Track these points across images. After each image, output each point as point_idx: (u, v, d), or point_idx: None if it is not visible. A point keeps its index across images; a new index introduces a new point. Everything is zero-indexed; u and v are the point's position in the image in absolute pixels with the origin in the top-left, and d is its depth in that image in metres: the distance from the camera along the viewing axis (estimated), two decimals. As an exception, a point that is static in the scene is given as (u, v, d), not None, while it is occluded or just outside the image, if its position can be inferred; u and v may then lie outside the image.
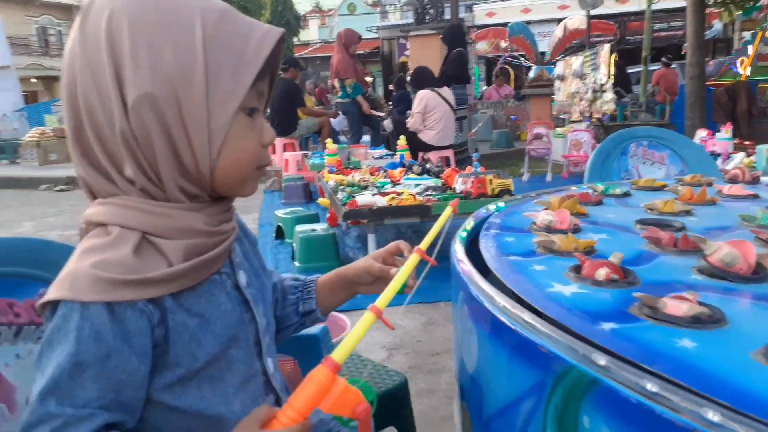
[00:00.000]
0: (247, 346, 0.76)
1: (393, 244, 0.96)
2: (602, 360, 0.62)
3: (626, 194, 1.45)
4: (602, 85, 7.47)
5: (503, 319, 0.78)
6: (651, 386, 0.56)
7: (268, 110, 0.83)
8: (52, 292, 0.63)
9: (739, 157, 4.43)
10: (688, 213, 1.21)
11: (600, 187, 1.50)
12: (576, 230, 1.10)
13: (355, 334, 0.66)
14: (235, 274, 0.77)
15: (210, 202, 0.73)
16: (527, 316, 0.76)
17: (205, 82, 0.65)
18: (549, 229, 1.11)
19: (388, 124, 6.43)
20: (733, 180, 1.54)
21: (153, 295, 0.64)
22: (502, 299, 0.81)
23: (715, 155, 4.72)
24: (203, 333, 0.70)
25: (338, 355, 0.64)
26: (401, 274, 0.79)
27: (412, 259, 0.81)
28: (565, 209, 1.15)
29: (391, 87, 9.17)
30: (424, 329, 2.79)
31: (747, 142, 5.50)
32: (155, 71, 0.64)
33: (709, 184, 1.61)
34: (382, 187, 3.91)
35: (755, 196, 1.36)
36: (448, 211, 0.92)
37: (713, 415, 0.51)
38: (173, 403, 0.68)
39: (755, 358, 0.60)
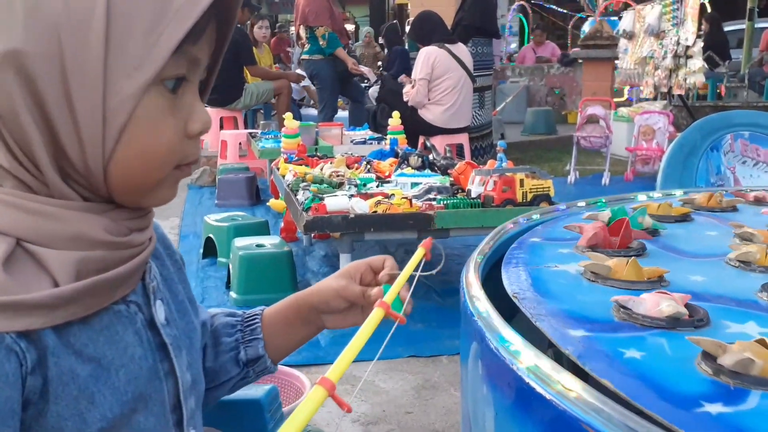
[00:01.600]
0: (162, 411, 0.75)
1: (377, 258, 0.97)
2: (676, 448, 0.63)
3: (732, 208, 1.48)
4: (688, 47, 7.56)
5: (534, 384, 0.79)
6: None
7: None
8: None
9: None
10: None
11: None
12: (639, 254, 1.12)
13: (300, 415, 0.67)
14: (150, 306, 0.76)
15: (113, 204, 0.72)
16: (569, 381, 0.76)
17: (104, 38, 0.63)
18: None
19: (374, 92, 6.46)
20: None
21: (27, 326, 0.62)
22: (533, 355, 0.82)
23: None
24: (98, 387, 0.68)
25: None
26: (359, 336, 0.80)
27: (375, 316, 0.83)
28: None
29: (381, 40, 9.23)
30: (417, 395, 2.80)
31: None
32: (31, 17, 0.62)
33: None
34: (364, 185, 3.90)
35: None
36: (419, 253, 0.95)
37: None
38: None
39: None
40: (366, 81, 7.35)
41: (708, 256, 1.17)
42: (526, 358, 0.82)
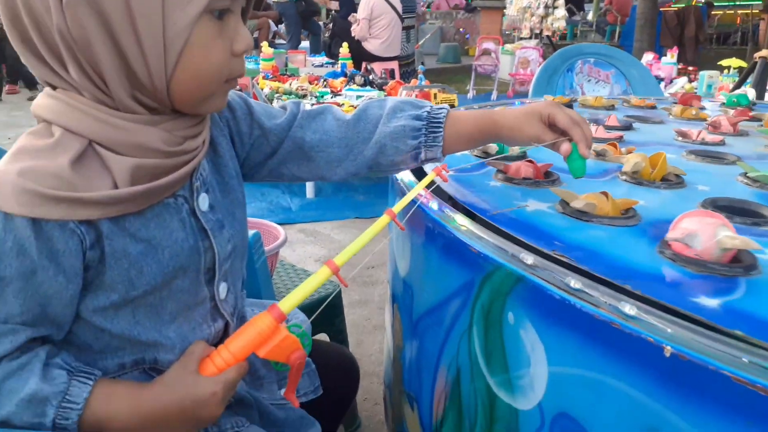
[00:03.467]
0: (196, 275, 0.70)
1: (542, 107, 0.79)
2: (530, 259, 0.65)
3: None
4: (554, 0, 7.42)
5: (436, 220, 0.80)
6: (574, 283, 0.60)
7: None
8: None
9: (681, 81, 4.57)
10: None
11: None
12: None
13: (306, 286, 0.65)
14: (195, 198, 0.68)
15: (173, 115, 0.64)
16: (459, 218, 0.78)
17: None
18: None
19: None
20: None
21: (86, 217, 0.58)
22: (435, 202, 0.83)
23: (658, 79, 4.85)
24: (146, 261, 0.64)
25: (286, 305, 0.64)
26: (366, 235, 0.72)
27: (382, 220, 0.74)
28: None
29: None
30: None
31: (691, 68, 5.66)
32: None
33: (653, 107, 1.67)
34: (322, 97, 3.82)
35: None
36: (431, 175, 0.80)
37: (629, 309, 0.55)
38: (104, 325, 0.64)
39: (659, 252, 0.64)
40: (335, 11, 6.98)
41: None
42: (430, 205, 0.84)
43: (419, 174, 0.97)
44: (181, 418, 0.63)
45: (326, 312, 1.49)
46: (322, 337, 1.49)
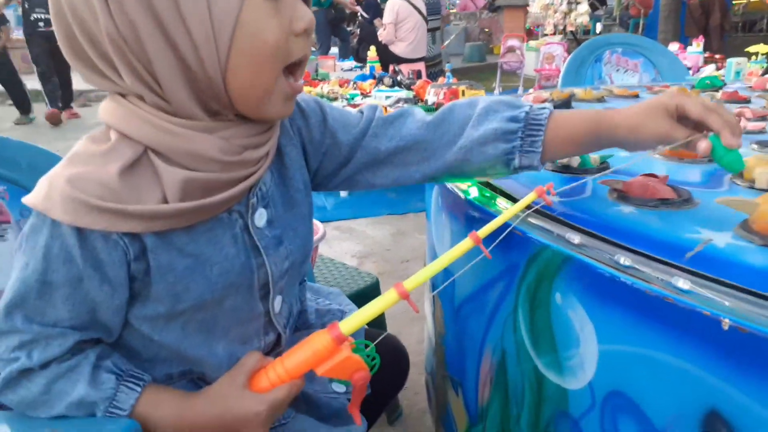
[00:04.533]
0: (250, 291, 0.65)
1: (668, 100, 0.63)
2: (577, 238, 0.63)
3: (600, 99, 1.45)
4: (577, -4, 7.29)
5: (476, 206, 0.78)
6: (624, 260, 0.57)
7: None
8: (30, 195, 0.56)
9: (709, 69, 4.43)
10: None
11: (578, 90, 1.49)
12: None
13: (372, 308, 0.60)
14: (250, 214, 0.63)
15: (235, 122, 0.58)
16: (501, 201, 0.76)
17: None
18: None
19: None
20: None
21: (129, 230, 0.54)
22: (473, 188, 0.81)
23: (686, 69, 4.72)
24: (193, 277, 0.59)
25: (347, 325, 0.59)
26: (444, 258, 0.64)
27: (464, 244, 0.64)
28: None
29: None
30: (393, 239, 2.81)
31: (717, 56, 5.49)
32: None
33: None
34: (352, 99, 3.82)
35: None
36: (530, 196, 0.68)
37: (683, 283, 0.53)
38: (152, 335, 0.62)
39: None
40: (361, 16, 6.97)
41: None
42: (468, 190, 0.82)
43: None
44: None
45: (365, 303, 1.49)
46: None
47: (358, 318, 0.60)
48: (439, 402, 1.08)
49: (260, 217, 0.64)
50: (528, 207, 0.66)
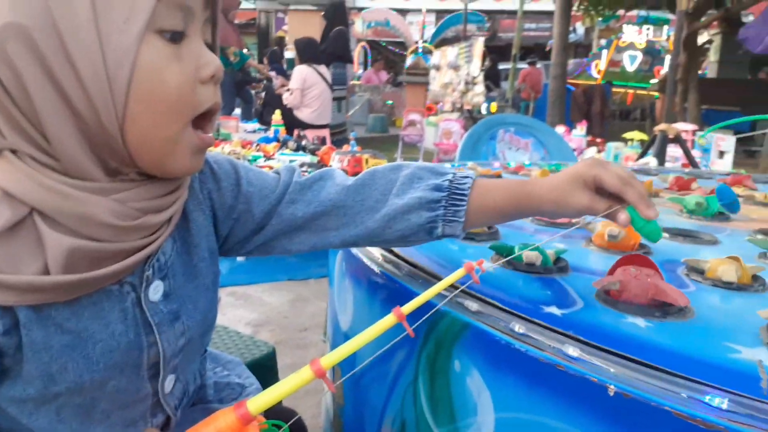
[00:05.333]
0: (137, 371, 0.59)
1: (585, 170, 0.64)
2: (474, 306, 0.65)
3: (498, 176, 1.55)
4: (474, 77, 7.83)
5: (380, 271, 0.79)
6: (519, 327, 0.60)
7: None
8: None
9: (591, 151, 4.87)
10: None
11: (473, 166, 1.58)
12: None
13: (284, 386, 0.54)
14: (144, 287, 0.57)
15: (137, 182, 0.54)
16: (402, 269, 0.78)
17: (89, 1, 0.47)
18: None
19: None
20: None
21: (1, 302, 0.49)
22: (378, 253, 0.83)
23: (571, 150, 5.16)
24: (72, 356, 0.53)
25: (256, 404, 0.52)
26: (365, 335, 0.58)
27: (388, 320, 0.59)
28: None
29: (265, 61, 8.93)
30: (291, 306, 2.76)
31: (599, 140, 6.07)
32: None
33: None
34: (255, 160, 3.80)
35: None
36: (459, 273, 0.63)
37: (573, 351, 0.56)
38: (20, 418, 0.54)
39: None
40: (269, 81, 7.03)
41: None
42: (374, 255, 0.83)
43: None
44: None
45: (260, 374, 1.43)
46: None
47: (268, 396, 0.53)
48: (336, 478, 1.05)
49: (155, 291, 0.58)
50: (453, 286, 0.62)
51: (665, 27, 12.18)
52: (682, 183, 1.41)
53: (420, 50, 10.19)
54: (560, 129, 6.02)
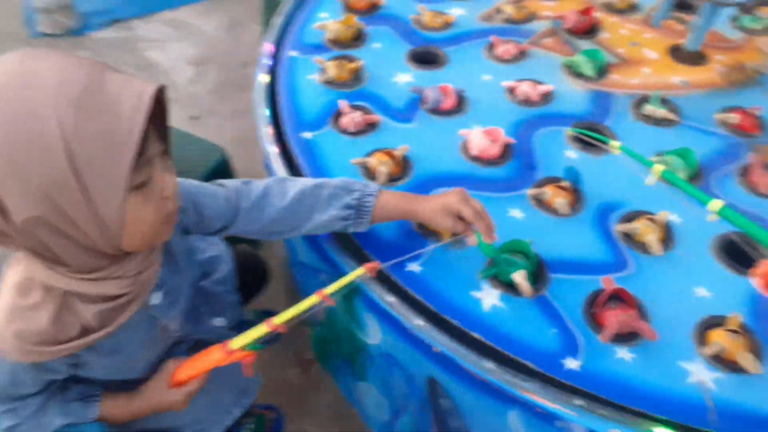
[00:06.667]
0: (157, 344, 0.89)
1: (453, 202, 0.91)
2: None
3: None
4: None
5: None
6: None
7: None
8: None
9: None
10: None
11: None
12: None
13: (255, 331, 0.85)
14: (147, 300, 0.82)
15: (130, 255, 0.74)
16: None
17: (79, 188, 0.61)
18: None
19: None
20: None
21: (68, 353, 0.74)
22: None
23: None
24: (115, 359, 0.83)
25: (236, 343, 0.85)
26: (302, 304, 0.86)
27: (312, 299, 0.87)
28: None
29: None
30: (228, 34, 2.73)
31: None
32: (24, 190, 0.61)
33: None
34: None
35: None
36: (361, 270, 0.92)
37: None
38: (80, 375, 0.85)
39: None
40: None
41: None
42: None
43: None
44: (157, 412, 0.90)
45: (219, 177, 1.63)
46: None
47: (245, 337, 0.86)
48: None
49: (156, 298, 0.83)
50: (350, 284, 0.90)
51: None
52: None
53: None
54: None
